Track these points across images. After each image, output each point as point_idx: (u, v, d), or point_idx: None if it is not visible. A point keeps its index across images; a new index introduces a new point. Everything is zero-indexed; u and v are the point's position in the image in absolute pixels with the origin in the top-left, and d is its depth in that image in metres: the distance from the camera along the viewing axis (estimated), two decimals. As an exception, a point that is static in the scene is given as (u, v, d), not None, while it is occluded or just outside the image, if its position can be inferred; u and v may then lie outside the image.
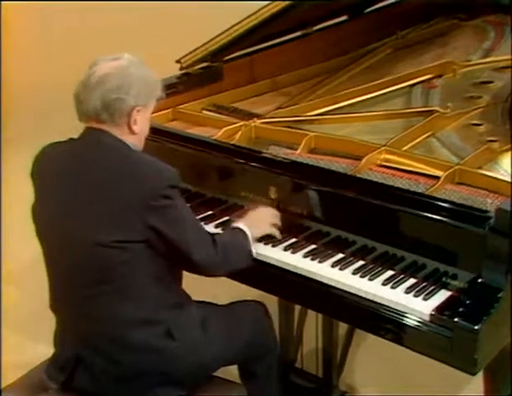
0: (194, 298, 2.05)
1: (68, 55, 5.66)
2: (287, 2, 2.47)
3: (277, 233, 2.12)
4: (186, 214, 1.92)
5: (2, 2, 5.59)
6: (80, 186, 1.89)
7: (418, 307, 1.85)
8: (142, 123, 1.92)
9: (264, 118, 2.46)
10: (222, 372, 2.09)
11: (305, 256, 2.07)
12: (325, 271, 2.01)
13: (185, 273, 2.01)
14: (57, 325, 2.03)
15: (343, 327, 2.51)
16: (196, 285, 2.07)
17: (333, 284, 1.97)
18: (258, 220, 2.10)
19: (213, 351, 1.98)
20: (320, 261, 2.04)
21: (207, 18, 4.85)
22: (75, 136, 1.97)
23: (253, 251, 2.05)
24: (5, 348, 2.92)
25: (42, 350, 2.17)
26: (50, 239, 1.95)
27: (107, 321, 1.90)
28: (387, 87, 2.67)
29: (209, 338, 1.98)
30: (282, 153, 2.27)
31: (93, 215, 1.85)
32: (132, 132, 1.91)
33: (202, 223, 2.13)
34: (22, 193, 4.05)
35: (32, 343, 2.97)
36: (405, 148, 2.26)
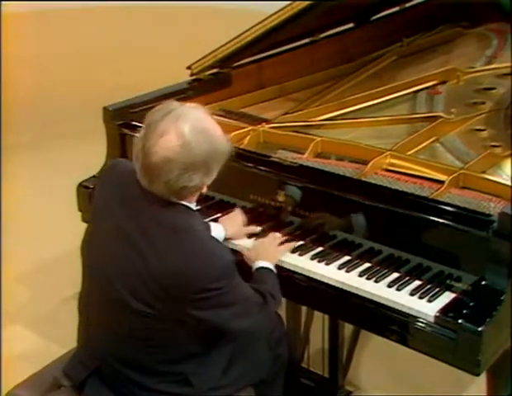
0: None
1: (70, 63, 5.61)
2: (295, 10, 2.50)
3: (291, 245, 2.13)
4: (234, 297, 1.82)
5: (3, 3, 5.51)
6: (131, 234, 1.79)
7: (423, 308, 1.87)
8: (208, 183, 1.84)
9: (272, 123, 2.49)
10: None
11: (313, 258, 2.09)
12: (332, 272, 2.03)
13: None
14: (80, 325, 1.99)
15: (348, 328, 2.52)
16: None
17: (339, 286, 2.00)
18: (269, 250, 2.09)
19: (233, 386, 1.97)
20: (326, 264, 2.06)
21: (217, 25, 4.85)
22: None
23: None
24: (16, 346, 2.93)
25: (54, 348, 2.18)
26: (93, 256, 1.90)
27: (126, 361, 1.87)
28: (393, 93, 2.70)
29: (227, 377, 1.95)
30: (289, 157, 2.30)
31: (133, 276, 1.77)
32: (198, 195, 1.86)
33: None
34: (23, 197, 4.07)
35: (44, 342, 2.97)
36: (410, 152, 2.29)
